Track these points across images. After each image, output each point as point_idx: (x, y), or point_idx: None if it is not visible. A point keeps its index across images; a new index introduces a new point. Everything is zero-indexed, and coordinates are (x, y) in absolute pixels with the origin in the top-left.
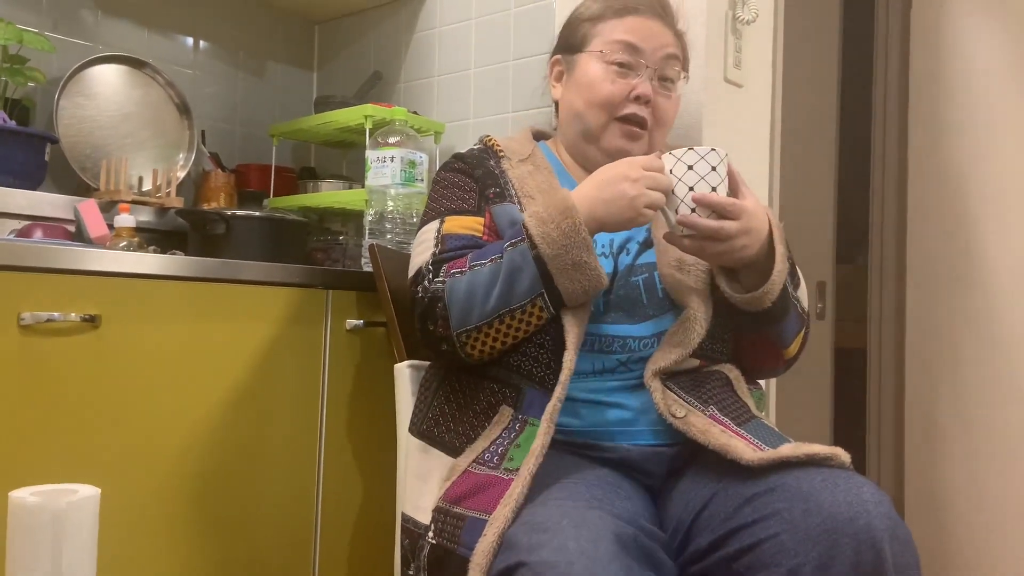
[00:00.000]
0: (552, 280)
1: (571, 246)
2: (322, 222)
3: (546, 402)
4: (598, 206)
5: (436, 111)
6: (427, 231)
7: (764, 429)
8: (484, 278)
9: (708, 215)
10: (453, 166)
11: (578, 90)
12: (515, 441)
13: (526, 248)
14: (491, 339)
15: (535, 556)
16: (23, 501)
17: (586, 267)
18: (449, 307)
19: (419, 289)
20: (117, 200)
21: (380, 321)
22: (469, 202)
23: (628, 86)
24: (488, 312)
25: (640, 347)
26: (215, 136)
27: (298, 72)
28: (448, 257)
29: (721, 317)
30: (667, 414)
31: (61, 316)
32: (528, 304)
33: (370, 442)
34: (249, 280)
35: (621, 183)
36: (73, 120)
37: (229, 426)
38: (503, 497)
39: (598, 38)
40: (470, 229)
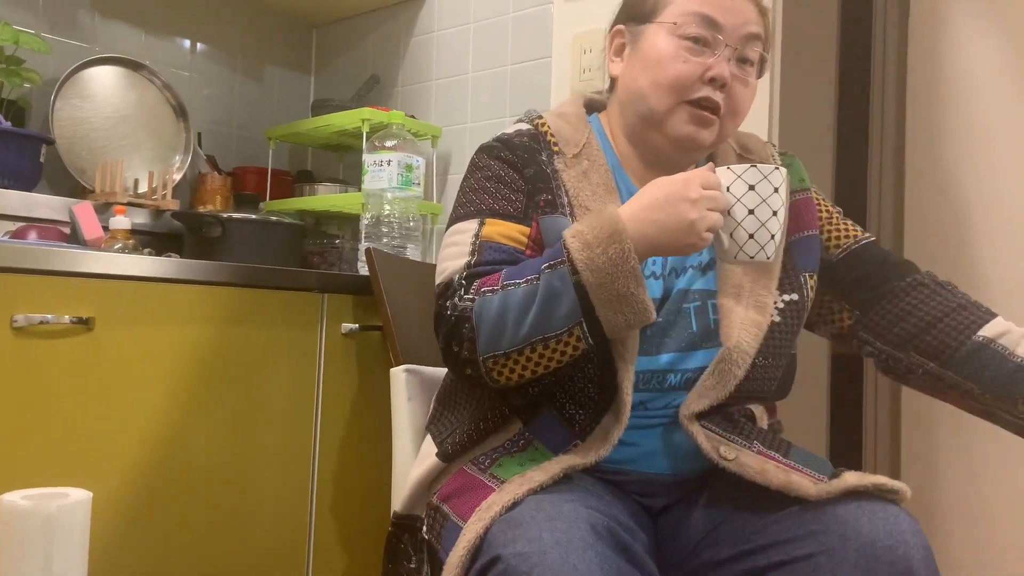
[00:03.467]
0: (593, 311)
1: (618, 275)
2: (318, 226)
3: (562, 433)
4: (652, 229)
5: (434, 115)
6: (463, 231)
7: (807, 456)
8: (517, 300)
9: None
10: (500, 155)
11: (643, 67)
12: (511, 452)
13: (566, 273)
14: (520, 367)
15: (509, 549)
16: (14, 505)
17: (633, 299)
18: (477, 329)
19: (448, 305)
20: (113, 202)
21: (376, 325)
22: (515, 204)
23: (702, 66)
24: (520, 339)
25: (680, 383)
26: (212, 139)
27: (296, 75)
28: (483, 272)
29: (774, 349)
30: (715, 456)
31: (54, 318)
32: (565, 334)
33: (364, 446)
34: (244, 283)
35: (680, 204)
36: (69, 122)
37: (223, 430)
38: (479, 507)
39: (671, 7)
40: (512, 240)
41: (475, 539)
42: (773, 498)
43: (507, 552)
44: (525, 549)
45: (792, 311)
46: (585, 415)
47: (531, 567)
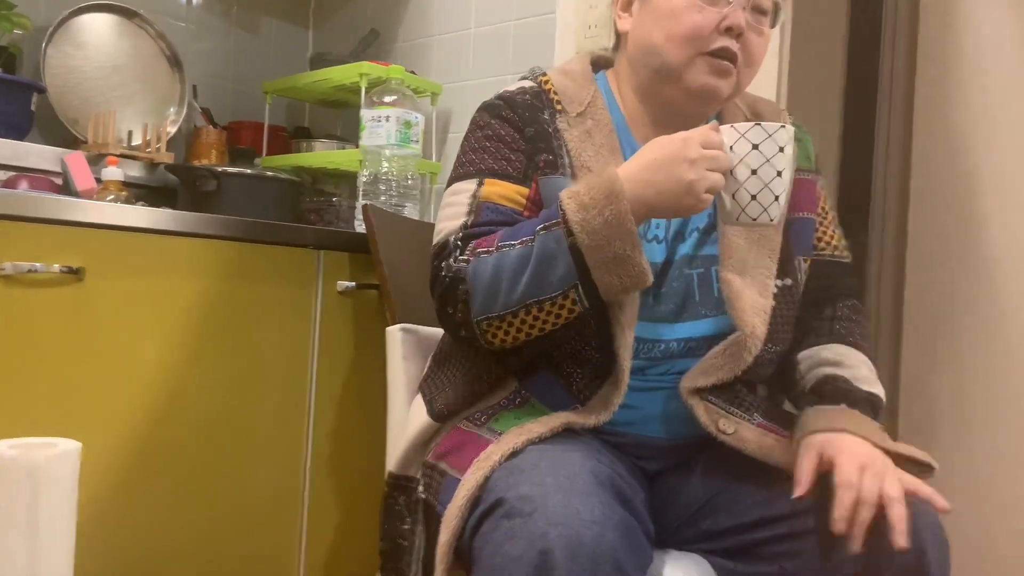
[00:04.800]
0: (589, 274)
1: (614, 238)
2: (315, 183)
3: (560, 394)
4: (649, 191)
5: (434, 71)
6: (461, 191)
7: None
8: (512, 263)
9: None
10: (501, 113)
11: (656, 20)
12: (508, 408)
13: (562, 235)
14: (515, 329)
15: (512, 492)
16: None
17: (629, 262)
18: (472, 291)
19: (443, 266)
20: (105, 153)
21: (372, 284)
22: (515, 164)
23: (718, 15)
24: (514, 301)
25: (681, 350)
26: (207, 92)
27: (293, 29)
28: (479, 232)
29: (776, 336)
30: (714, 430)
31: (43, 267)
32: (560, 296)
33: (359, 403)
34: (238, 237)
35: (678, 165)
36: (61, 70)
37: (216, 384)
38: (477, 458)
39: None
40: (511, 201)
41: (475, 487)
42: (775, 469)
43: (510, 495)
44: (528, 492)
45: (786, 296)
46: (583, 375)
47: (534, 509)
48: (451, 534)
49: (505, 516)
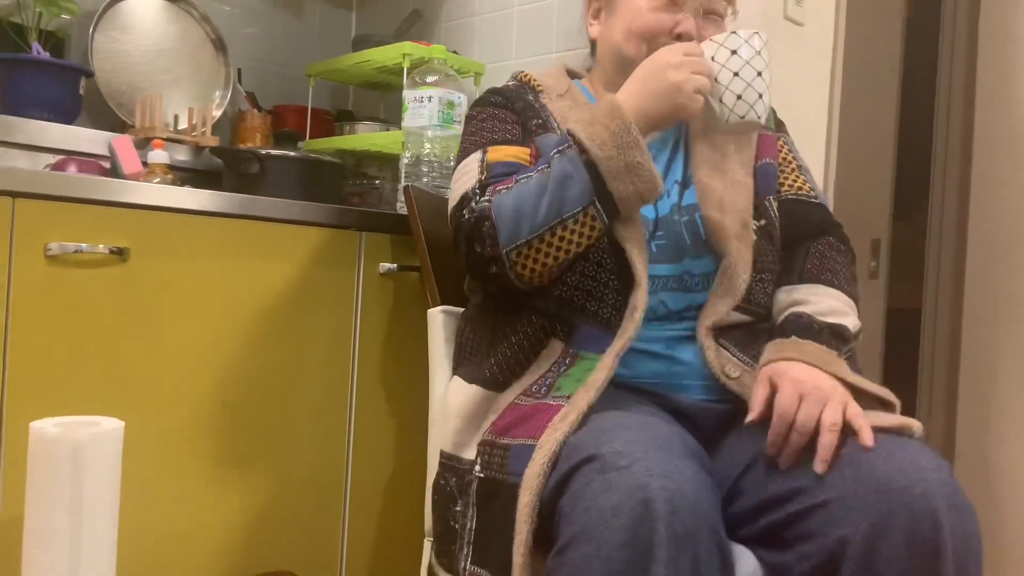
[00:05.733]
0: (605, 185)
1: (623, 147)
2: (359, 166)
3: (603, 338)
4: (646, 101)
5: (477, 51)
6: (470, 162)
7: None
8: (532, 189)
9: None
10: (490, 100)
11: (618, 21)
12: (564, 373)
13: (575, 154)
14: (543, 255)
15: (605, 448)
16: (43, 432)
17: (640, 168)
18: (497, 224)
19: (465, 211)
20: (152, 137)
21: (414, 265)
22: (512, 131)
23: (672, 20)
24: (539, 224)
25: (694, 285)
26: (252, 76)
27: (336, 11)
28: (495, 181)
29: (761, 264)
30: (720, 374)
31: (89, 247)
32: (580, 213)
33: (401, 384)
34: (281, 219)
35: (665, 71)
36: (108, 54)
37: (258, 365)
38: (551, 422)
39: None
40: (516, 157)
41: (556, 447)
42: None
43: (603, 451)
44: (622, 448)
45: (764, 234)
46: (611, 305)
47: (631, 462)
48: (534, 494)
49: (599, 471)
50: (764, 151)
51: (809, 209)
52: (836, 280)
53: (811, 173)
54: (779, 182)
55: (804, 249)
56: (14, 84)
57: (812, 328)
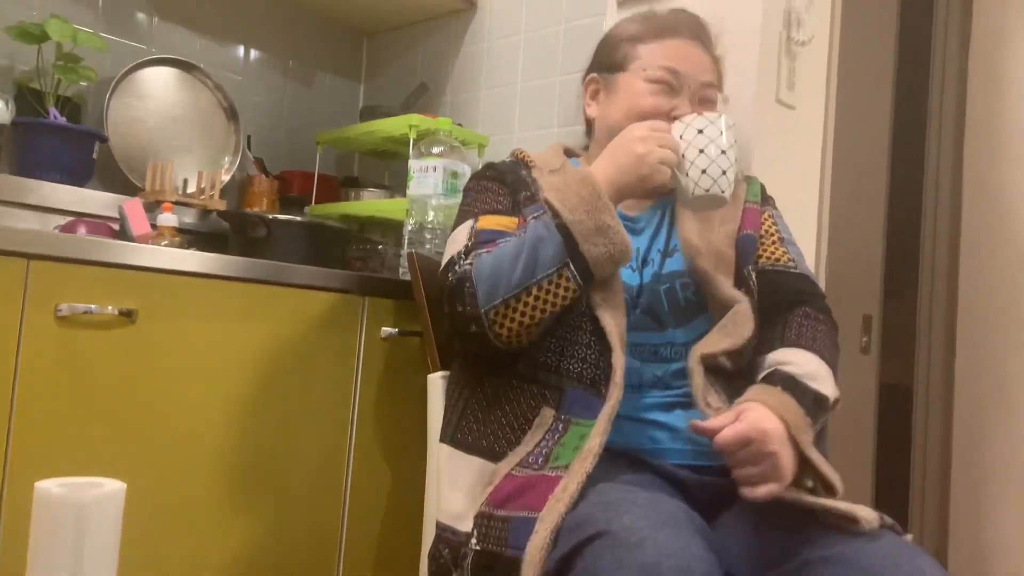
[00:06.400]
0: (577, 246)
1: (592, 211)
2: (362, 231)
3: (590, 402)
4: (613, 171)
5: (481, 124)
6: (460, 231)
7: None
8: (509, 252)
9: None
10: (484, 174)
11: (618, 103)
12: (559, 442)
13: (549, 219)
14: (519, 314)
15: (615, 524)
16: (48, 492)
17: (609, 230)
18: (476, 284)
19: (449, 275)
20: (162, 200)
21: (415, 331)
22: (503, 203)
23: (670, 104)
24: (514, 284)
25: (672, 355)
26: (261, 141)
27: (345, 82)
28: (480, 246)
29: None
30: (701, 400)
31: (98, 309)
32: (554, 274)
33: (399, 450)
34: (287, 282)
35: (632, 144)
36: (122, 120)
37: (259, 427)
38: (553, 494)
39: (639, 60)
40: (504, 226)
41: (559, 520)
42: (795, 532)
43: (614, 527)
44: (632, 524)
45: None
46: (603, 377)
47: (642, 539)
48: (537, 568)
49: (610, 547)
50: (747, 223)
51: (788, 278)
52: (816, 346)
53: (796, 247)
54: (759, 253)
55: (783, 319)
56: (31, 147)
57: (799, 387)
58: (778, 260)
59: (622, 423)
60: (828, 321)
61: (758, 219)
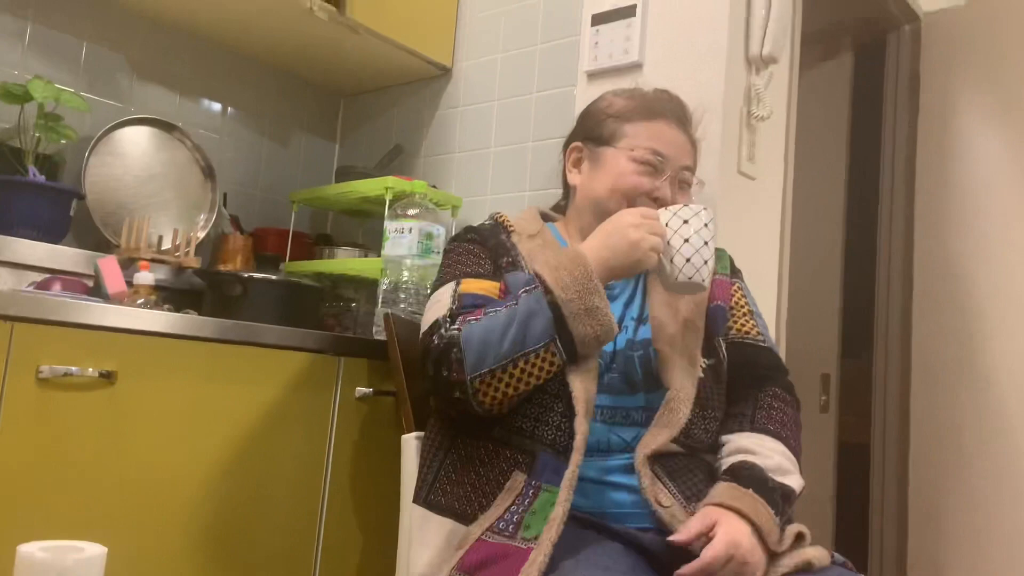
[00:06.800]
0: (566, 324)
1: (584, 292)
2: (334, 288)
3: (560, 467)
4: (607, 253)
5: (454, 185)
6: (443, 292)
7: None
8: (500, 322)
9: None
10: (466, 237)
11: (602, 177)
12: (530, 508)
13: (540, 294)
14: (504, 384)
15: None
16: (31, 556)
17: (598, 312)
18: (464, 351)
19: (435, 336)
20: (136, 257)
21: (389, 390)
22: (484, 266)
23: (651, 184)
24: (503, 355)
25: (643, 420)
26: (236, 199)
27: (321, 142)
28: (465, 311)
29: (704, 401)
30: (653, 501)
31: (79, 371)
32: (542, 348)
33: (372, 510)
34: (264, 343)
35: (625, 230)
36: (100, 178)
37: (235, 487)
38: (523, 567)
39: (626, 138)
40: (486, 291)
41: None
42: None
43: None
44: None
45: (713, 373)
46: (570, 438)
47: None
48: None
49: None
50: (717, 294)
51: (757, 353)
52: (783, 432)
53: (763, 319)
54: (729, 324)
55: (753, 399)
56: (9, 205)
57: (766, 485)
58: (748, 333)
59: (588, 487)
60: (793, 402)
61: (728, 290)
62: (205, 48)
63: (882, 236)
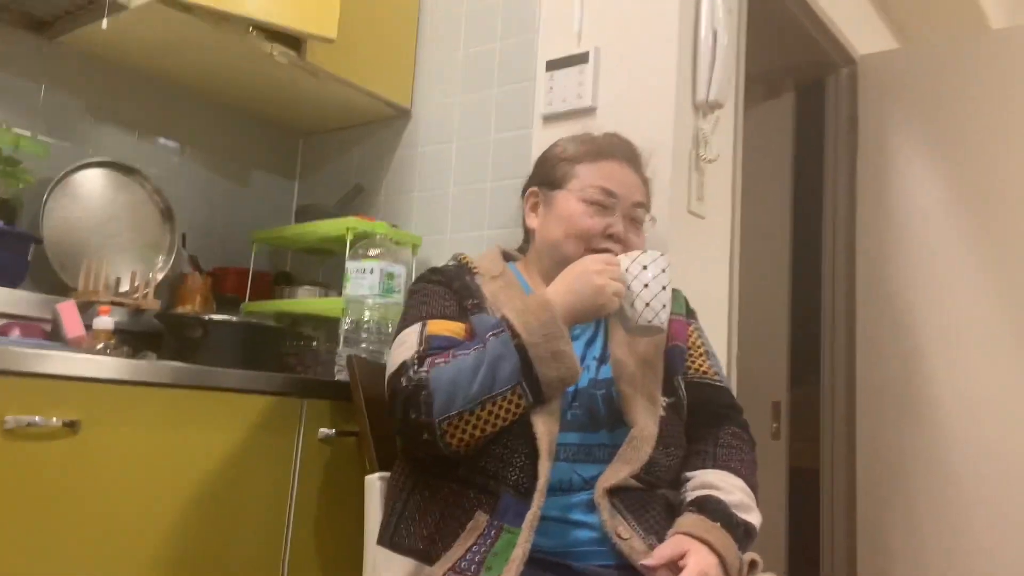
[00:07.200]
0: (532, 368)
1: (549, 336)
2: (294, 326)
3: (521, 508)
4: (572, 298)
5: (414, 224)
6: (409, 333)
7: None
8: (469, 365)
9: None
10: (431, 278)
11: (558, 223)
12: (492, 549)
13: (508, 338)
14: (471, 426)
15: None
16: None
17: (564, 356)
18: (433, 393)
19: (403, 379)
20: (95, 301)
21: (353, 431)
22: (450, 308)
23: (604, 223)
24: (471, 398)
25: (605, 456)
26: (196, 239)
27: (280, 181)
28: (432, 353)
29: (666, 439)
30: (613, 534)
31: (43, 420)
32: (509, 391)
33: (336, 552)
34: (227, 388)
35: (589, 276)
36: (58, 221)
37: (200, 533)
38: None
39: (577, 179)
40: (453, 332)
41: None
42: None
43: None
44: None
45: (672, 411)
46: (533, 482)
47: None
48: None
49: None
50: (675, 335)
51: (715, 392)
52: (744, 469)
53: (717, 358)
54: (688, 364)
55: (714, 437)
56: None
57: (732, 521)
58: (705, 373)
59: (550, 525)
60: (750, 440)
61: (685, 331)
62: (163, 89)
63: (826, 267)
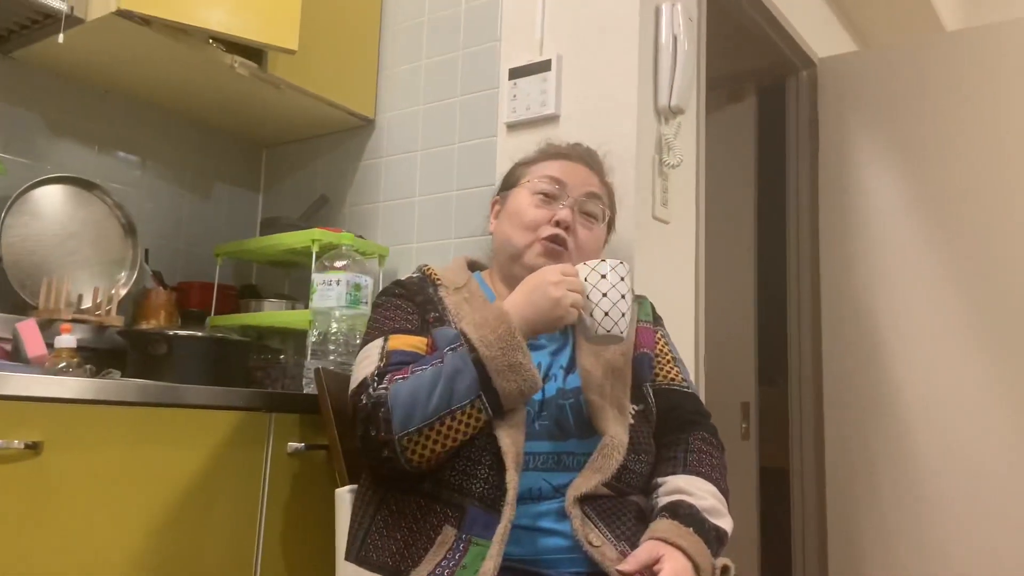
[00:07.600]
0: (491, 381)
1: (507, 348)
2: (261, 339)
3: (489, 520)
4: (529, 310)
5: (380, 235)
6: (371, 348)
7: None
8: (426, 380)
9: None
10: (394, 292)
11: (509, 217)
12: (460, 563)
13: (465, 352)
14: (431, 441)
15: None
16: None
17: (521, 368)
18: (392, 410)
19: (363, 396)
20: (56, 319)
21: (321, 444)
22: (412, 322)
23: (551, 212)
24: (430, 413)
25: (574, 464)
26: (159, 254)
27: (244, 192)
28: (392, 369)
29: (636, 446)
30: (584, 541)
31: (4, 443)
32: (468, 405)
33: (307, 566)
34: (194, 404)
35: (546, 287)
36: (16, 238)
37: (168, 551)
38: None
39: (529, 174)
40: (414, 347)
41: None
42: None
43: None
44: None
45: (642, 417)
46: (500, 494)
47: None
48: None
49: None
50: (642, 342)
51: (683, 399)
52: (714, 475)
53: (684, 365)
54: (655, 372)
55: (684, 443)
56: None
57: (704, 526)
58: (673, 379)
59: (520, 533)
60: (719, 445)
61: (653, 338)
62: (123, 103)
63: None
